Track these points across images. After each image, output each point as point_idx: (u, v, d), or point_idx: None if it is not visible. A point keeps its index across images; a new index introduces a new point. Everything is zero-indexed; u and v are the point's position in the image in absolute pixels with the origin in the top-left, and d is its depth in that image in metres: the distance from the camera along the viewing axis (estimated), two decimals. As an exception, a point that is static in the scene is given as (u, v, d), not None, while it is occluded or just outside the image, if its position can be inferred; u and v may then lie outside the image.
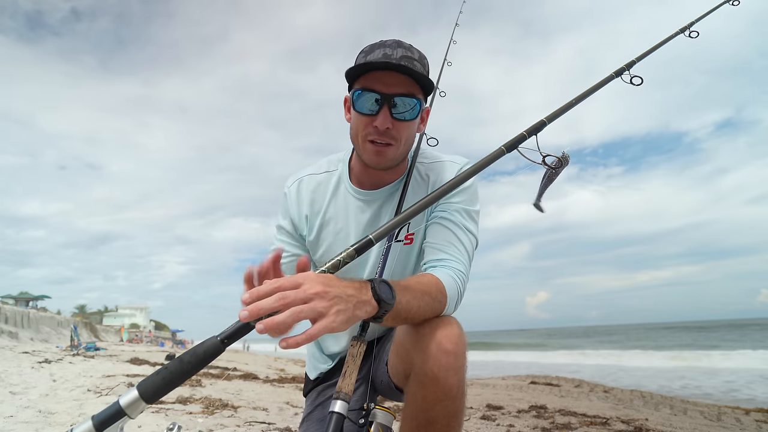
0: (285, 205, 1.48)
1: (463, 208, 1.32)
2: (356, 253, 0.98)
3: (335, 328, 0.85)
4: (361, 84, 1.24)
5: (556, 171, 1.22)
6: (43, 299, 43.13)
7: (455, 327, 1.10)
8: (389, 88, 1.22)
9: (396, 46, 1.26)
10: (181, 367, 0.83)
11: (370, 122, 1.25)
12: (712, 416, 4.92)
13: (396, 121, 1.24)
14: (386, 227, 1.02)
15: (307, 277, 0.88)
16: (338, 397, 1.03)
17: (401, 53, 1.24)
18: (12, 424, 2.77)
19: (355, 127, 1.29)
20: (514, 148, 1.14)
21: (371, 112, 1.24)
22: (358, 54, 1.31)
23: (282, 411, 3.75)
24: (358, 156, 1.35)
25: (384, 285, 0.97)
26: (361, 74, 1.25)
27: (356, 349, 1.14)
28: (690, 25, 1.56)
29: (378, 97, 1.22)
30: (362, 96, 1.24)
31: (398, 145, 1.28)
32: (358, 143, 1.31)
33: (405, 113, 1.25)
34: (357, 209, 1.42)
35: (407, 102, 1.24)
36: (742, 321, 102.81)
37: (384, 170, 1.35)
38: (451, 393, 1.07)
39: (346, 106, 1.36)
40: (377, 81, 1.22)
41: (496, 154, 1.13)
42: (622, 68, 1.37)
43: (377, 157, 1.28)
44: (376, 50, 1.26)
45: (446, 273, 1.19)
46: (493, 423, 3.59)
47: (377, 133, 1.24)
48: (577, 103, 1.26)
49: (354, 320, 0.90)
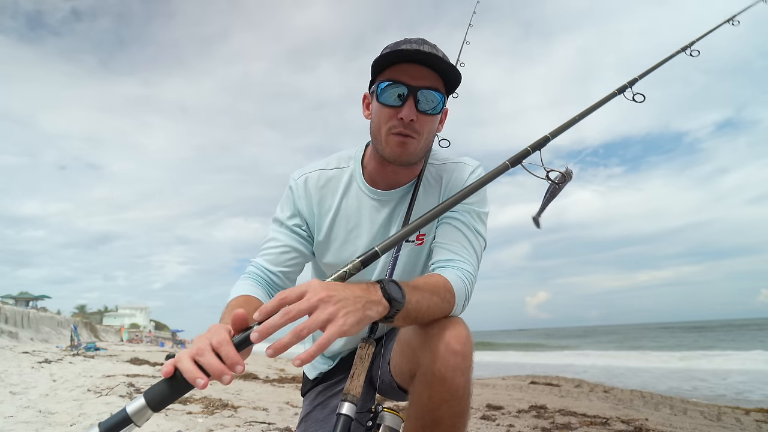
0: (290, 199, 1.42)
1: (473, 210, 1.32)
2: (362, 265, 0.97)
3: (347, 332, 0.84)
4: (387, 76, 1.24)
5: (560, 186, 1.22)
6: (43, 299, 43.15)
7: (463, 328, 1.10)
8: (416, 80, 1.22)
9: (422, 43, 1.26)
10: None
11: (394, 114, 1.24)
12: (712, 416, 4.92)
13: (420, 114, 1.24)
14: (393, 239, 1.02)
15: (310, 285, 0.87)
16: (346, 399, 1.02)
17: (428, 49, 1.23)
18: (12, 424, 2.77)
19: (378, 119, 1.28)
20: (518, 163, 1.15)
21: (397, 104, 1.23)
22: (383, 50, 1.29)
23: (282, 411, 3.75)
24: (377, 152, 1.33)
25: (393, 284, 0.97)
26: (386, 67, 1.24)
27: (365, 350, 1.13)
28: (691, 44, 1.58)
29: (405, 89, 1.22)
30: (389, 88, 1.23)
31: (420, 139, 1.27)
32: (380, 136, 1.28)
33: (429, 107, 1.25)
34: (372, 209, 1.39)
35: (433, 96, 1.24)
36: (742, 321, 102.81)
37: (404, 166, 1.32)
38: (457, 393, 1.07)
39: (365, 102, 1.36)
40: (404, 73, 1.22)
41: (500, 169, 1.14)
42: (625, 86, 1.38)
43: (400, 148, 1.26)
44: (402, 46, 1.25)
45: (454, 273, 1.19)
46: (493, 423, 3.59)
47: (402, 125, 1.23)
48: (580, 119, 1.28)
49: (366, 321, 0.89)
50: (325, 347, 0.82)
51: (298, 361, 0.81)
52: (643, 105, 1.36)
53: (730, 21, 1.71)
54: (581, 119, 1.28)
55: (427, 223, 1.06)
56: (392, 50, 1.23)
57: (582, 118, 1.28)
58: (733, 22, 1.71)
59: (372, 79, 1.30)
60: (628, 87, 1.38)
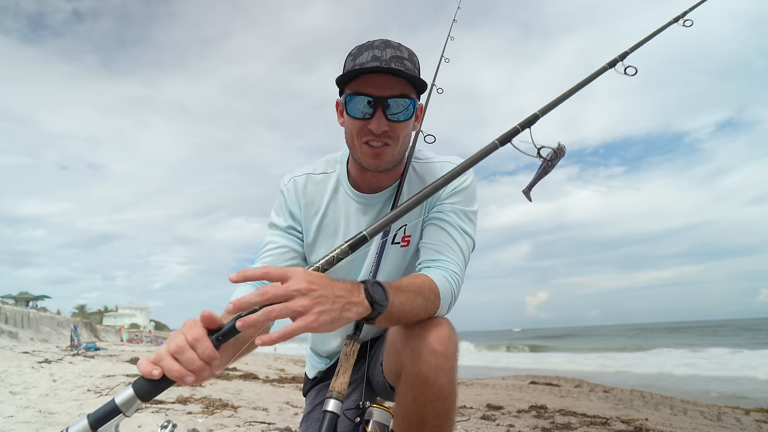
0: (282, 202, 1.45)
1: (460, 209, 1.32)
2: (350, 250, 0.97)
3: (316, 329, 0.85)
4: (353, 88, 1.23)
5: (552, 163, 1.20)
6: (43, 299, 43.16)
7: (445, 328, 1.10)
8: (382, 90, 1.21)
9: (384, 46, 1.24)
10: None
11: (364, 126, 1.24)
12: (712, 416, 4.92)
13: (391, 123, 1.23)
14: (381, 222, 1.02)
15: (295, 272, 0.87)
16: (331, 396, 1.04)
17: (390, 53, 1.22)
18: (12, 424, 2.77)
19: (350, 131, 1.28)
20: (507, 141, 1.14)
21: (365, 116, 1.23)
22: (347, 57, 1.29)
23: (282, 411, 3.75)
24: (355, 159, 1.34)
25: (377, 286, 0.97)
26: (351, 78, 1.24)
27: (349, 348, 1.14)
28: (684, 14, 1.55)
29: (371, 100, 1.21)
30: (354, 100, 1.23)
31: (395, 144, 1.27)
32: (354, 147, 1.29)
33: (399, 114, 1.23)
34: (357, 212, 1.40)
35: (401, 103, 1.23)
36: (742, 321, 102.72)
37: (382, 172, 1.33)
38: (441, 394, 1.07)
39: (338, 110, 1.35)
40: (369, 84, 1.21)
41: (490, 148, 1.13)
42: (616, 59, 1.36)
43: (375, 159, 1.27)
44: (364, 52, 1.24)
45: (440, 274, 1.19)
46: (493, 423, 3.59)
47: (373, 135, 1.23)
48: (570, 95, 1.26)
49: (341, 321, 0.89)
50: (288, 337, 0.84)
51: (259, 340, 0.83)
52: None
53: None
54: (571, 95, 1.26)
55: (415, 205, 1.06)
56: (351, 68, 1.22)
57: (572, 94, 1.27)
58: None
59: (340, 89, 1.30)
60: (619, 60, 1.36)
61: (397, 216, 1.04)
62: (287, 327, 0.84)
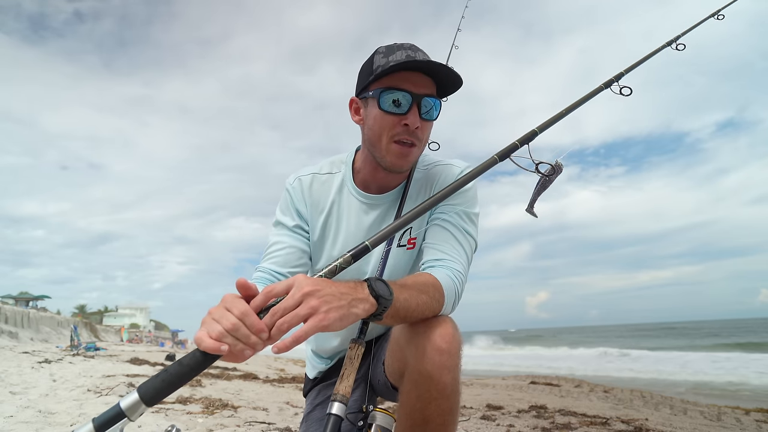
0: (289, 201, 1.44)
1: (463, 211, 1.33)
2: (353, 259, 0.98)
3: (328, 327, 0.86)
4: (388, 83, 1.24)
5: (550, 178, 1.24)
6: (43, 299, 43.10)
7: (449, 326, 1.10)
8: (418, 88, 1.23)
9: (416, 49, 1.27)
10: (181, 370, 0.83)
11: (398, 121, 1.24)
12: (712, 416, 4.92)
13: (423, 121, 1.26)
14: (383, 233, 1.02)
15: (296, 280, 0.88)
16: (335, 399, 1.04)
17: (422, 56, 1.25)
18: (12, 424, 2.77)
19: (380, 127, 1.27)
20: (506, 157, 1.18)
21: (401, 112, 1.24)
22: (373, 55, 1.30)
23: (282, 411, 3.75)
24: (373, 158, 1.34)
25: (380, 282, 0.98)
26: (385, 75, 1.24)
27: (354, 351, 1.14)
28: (676, 39, 1.59)
29: (409, 97, 1.23)
30: (392, 95, 1.23)
31: (420, 145, 1.30)
32: (380, 144, 1.29)
33: (431, 112, 1.27)
34: (362, 212, 1.41)
35: (432, 103, 1.26)
36: (742, 321, 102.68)
37: (399, 173, 1.35)
38: (445, 391, 1.07)
39: (353, 107, 1.35)
40: (405, 81, 1.23)
41: (489, 163, 1.16)
42: (611, 80, 1.40)
43: (402, 159, 1.28)
44: (396, 51, 1.26)
45: (444, 273, 1.19)
46: (493, 423, 3.59)
47: (407, 132, 1.25)
48: (567, 113, 1.30)
49: (350, 318, 0.90)
50: (302, 340, 0.85)
51: (275, 348, 0.84)
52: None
53: (715, 15, 1.71)
54: (568, 113, 1.30)
55: (417, 216, 1.07)
56: (400, 61, 1.22)
57: (569, 113, 1.30)
58: (718, 16, 1.71)
59: (365, 85, 1.29)
60: (614, 81, 1.40)
61: (400, 226, 1.05)
62: (299, 330, 0.84)
